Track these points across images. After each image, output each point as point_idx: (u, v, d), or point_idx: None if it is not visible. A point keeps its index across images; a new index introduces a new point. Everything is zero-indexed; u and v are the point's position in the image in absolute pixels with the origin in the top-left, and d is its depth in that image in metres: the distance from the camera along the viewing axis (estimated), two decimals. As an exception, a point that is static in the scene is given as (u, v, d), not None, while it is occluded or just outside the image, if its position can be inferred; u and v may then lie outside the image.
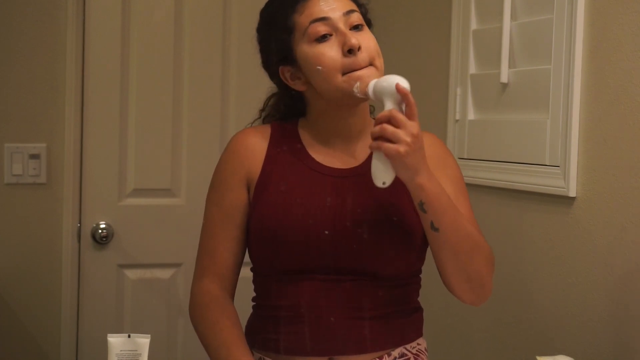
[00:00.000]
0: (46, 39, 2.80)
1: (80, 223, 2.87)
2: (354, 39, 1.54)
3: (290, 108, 1.72)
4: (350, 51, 1.54)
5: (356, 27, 1.58)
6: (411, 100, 1.42)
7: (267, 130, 1.69)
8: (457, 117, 2.49)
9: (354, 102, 1.59)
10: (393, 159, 1.43)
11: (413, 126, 1.41)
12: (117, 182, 2.91)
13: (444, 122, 2.55)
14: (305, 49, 1.57)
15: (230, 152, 1.69)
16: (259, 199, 1.62)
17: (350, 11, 1.58)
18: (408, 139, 1.40)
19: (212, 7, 2.99)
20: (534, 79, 2.15)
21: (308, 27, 1.56)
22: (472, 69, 2.45)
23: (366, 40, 1.56)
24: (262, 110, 1.76)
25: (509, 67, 2.25)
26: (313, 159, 1.64)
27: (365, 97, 1.54)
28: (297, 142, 1.66)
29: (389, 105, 1.44)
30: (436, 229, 1.50)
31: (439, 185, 1.49)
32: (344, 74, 1.54)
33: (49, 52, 2.80)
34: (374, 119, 1.69)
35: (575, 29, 1.99)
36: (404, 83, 1.44)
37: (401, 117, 1.42)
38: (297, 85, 1.63)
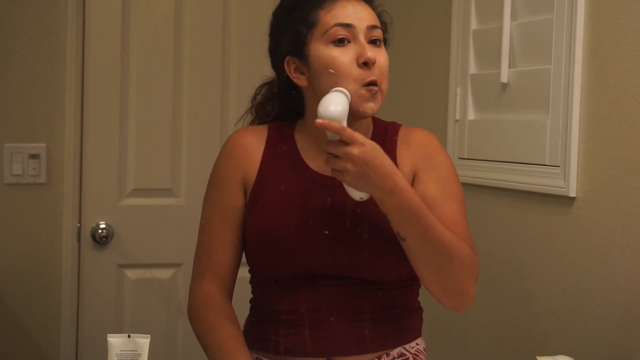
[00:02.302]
0: (46, 39, 2.80)
1: (80, 223, 2.87)
2: (371, 52, 1.54)
3: (285, 105, 1.71)
4: (365, 64, 1.54)
5: (374, 42, 1.58)
6: (335, 127, 1.41)
7: (263, 131, 1.68)
8: (457, 117, 2.49)
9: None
10: (345, 184, 1.46)
11: (349, 152, 1.41)
12: (117, 182, 2.91)
13: (444, 122, 2.55)
14: (321, 48, 1.56)
15: (227, 152, 1.68)
16: (255, 203, 1.62)
17: (375, 26, 1.58)
18: (349, 166, 1.42)
19: (212, 7, 2.99)
20: (534, 79, 2.15)
21: (331, 28, 1.55)
22: (472, 69, 2.45)
23: (381, 58, 1.57)
24: (254, 99, 1.75)
25: (509, 67, 2.25)
26: (308, 167, 1.63)
27: (361, 116, 1.55)
28: (293, 147, 1.65)
29: (331, 135, 1.45)
30: (402, 239, 1.49)
31: (407, 200, 1.46)
32: (355, 85, 1.53)
33: (49, 52, 2.80)
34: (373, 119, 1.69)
35: (575, 29, 1.99)
36: (325, 109, 1.44)
37: (336, 149, 1.43)
38: (299, 80, 1.61)
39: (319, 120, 1.42)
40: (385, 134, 1.65)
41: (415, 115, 2.70)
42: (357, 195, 1.48)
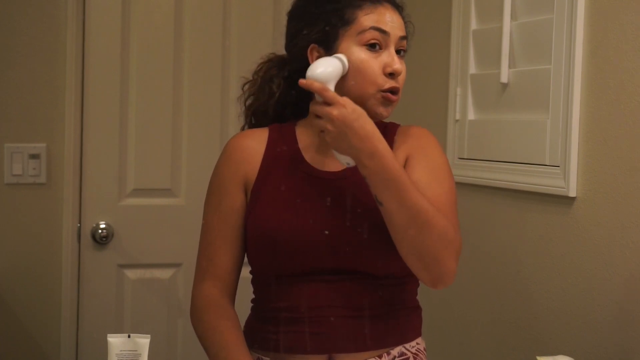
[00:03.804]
0: (46, 39, 2.80)
1: (80, 223, 2.87)
2: (398, 64, 1.58)
3: (289, 88, 1.70)
4: (391, 74, 1.58)
5: (399, 52, 1.61)
6: (317, 88, 1.48)
7: (264, 133, 1.69)
8: (457, 117, 2.49)
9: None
10: (332, 148, 1.52)
11: (329, 112, 1.47)
12: (117, 182, 2.91)
13: (444, 122, 2.55)
14: (353, 48, 1.57)
15: (227, 156, 1.68)
16: (256, 202, 1.62)
17: (405, 37, 1.62)
18: (329, 126, 1.48)
19: (212, 7, 2.99)
20: (534, 79, 2.15)
21: (367, 30, 1.57)
22: (472, 69, 2.45)
23: (404, 71, 1.62)
24: (257, 73, 1.74)
25: (509, 67, 2.25)
26: (309, 164, 1.64)
27: (377, 119, 1.57)
28: (294, 145, 1.65)
29: (318, 96, 1.51)
30: (380, 203, 1.50)
31: (385, 163, 1.48)
32: (378, 90, 1.57)
33: (49, 52, 2.80)
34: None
35: (575, 29, 1.99)
36: (312, 71, 1.51)
37: (317, 108, 1.49)
38: None
39: (302, 80, 1.50)
40: (384, 132, 1.65)
41: (415, 115, 2.70)
42: (344, 160, 1.52)
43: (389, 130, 1.67)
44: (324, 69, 1.51)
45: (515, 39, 2.24)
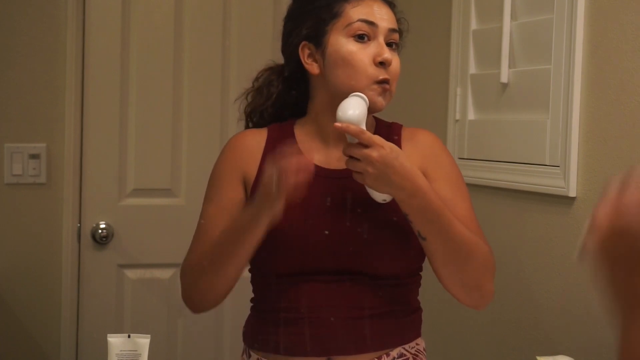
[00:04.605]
0: (46, 39, 2.80)
1: (80, 223, 2.87)
2: (388, 54, 1.58)
3: (288, 88, 1.70)
4: (382, 63, 1.57)
5: (390, 45, 1.61)
6: (354, 131, 1.45)
7: (263, 132, 1.69)
8: (457, 117, 2.49)
9: None
10: (367, 186, 1.49)
11: (369, 155, 1.44)
12: (117, 182, 2.91)
13: (444, 122, 2.55)
14: (341, 40, 1.58)
15: (227, 151, 1.69)
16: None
17: (395, 30, 1.62)
18: (369, 169, 1.45)
19: (212, 7, 2.99)
20: (534, 79, 2.15)
21: (354, 23, 1.58)
22: (472, 69, 2.45)
23: (396, 63, 1.61)
24: (256, 80, 1.74)
25: (509, 67, 2.25)
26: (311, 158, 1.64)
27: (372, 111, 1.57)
28: (293, 143, 1.65)
29: (350, 138, 1.47)
30: (423, 239, 1.51)
31: (428, 200, 1.48)
32: (372, 82, 1.56)
33: (49, 52, 2.80)
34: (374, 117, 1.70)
35: (575, 29, 1.99)
36: (344, 113, 1.48)
37: (356, 151, 1.46)
38: (311, 67, 1.62)
39: (337, 124, 1.46)
40: (388, 133, 1.66)
41: (415, 115, 2.70)
42: (380, 197, 1.52)
43: (393, 131, 1.67)
44: (355, 111, 1.49)
45: (515, 39, 2.24)
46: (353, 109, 1.49)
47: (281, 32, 1.69)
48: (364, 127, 1.48)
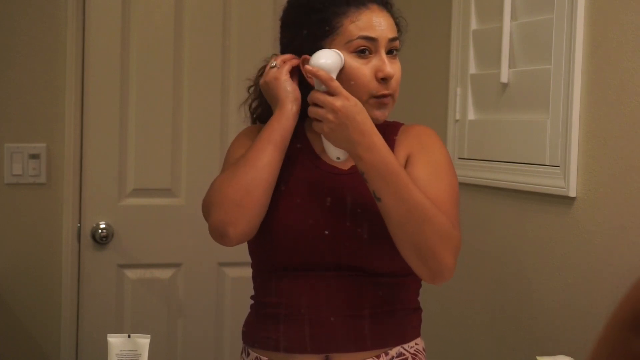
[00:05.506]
0: (46, 39, 2.80)
1: (80, 223, 2.87)
2: (390, 68, 1.57)
3: None
4: (384, 79, 1.57)
5: (391, 52, 1.60)
6: (323, 76, 1.49)
7: None
8: (457, 117, 2.49)
9: None
10: (324, 136, 1.52)
11: (332, 103, 1.48)
12: (117, 182, 2.91)
13: (444, 122, 2.55)
14: (343, 56, 1.56)
15: (242, 136, 1.70)
16: None
17: (395, 38, 1.61)
18: (329, 116, 1.48)
19: (212, 7, 2.99)
20: (534, 79, 2.15)
21: (354, 40, 1.56)
22: (472, 69, 2.45)
23: (397, 71, 1.60)
24: (259, 77, 1.71)
25: (509, 67, 2.25)
26: (316, 155, 1.64)
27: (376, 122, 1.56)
28: (299, 141, 1.65)
29: (318, 85, 1.52)
30: (378, 199, 1.50)
31: (383, 157, 1.48)
32: (370, 96, 1.56)
33: (49, 52, 2.80)
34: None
35: (575, 29, 1.99)
36: (316, 60, 1.52)
37: (320, 96, 1.49)
38: (311, 80, 1.60)
39: (308, 66, 1.51)
40: (385, 132, 1.65)
41: (415, 115, 2.69)
42: (335, 154, 1.54)
43: (391, 129, 1.68)
44: (327, 60, 1.52)
45: (515, 39, 2.24)
46: (326, 58, 1.52)
47: (279, 36, 1.68)
48: (334, 77, 1.51)
